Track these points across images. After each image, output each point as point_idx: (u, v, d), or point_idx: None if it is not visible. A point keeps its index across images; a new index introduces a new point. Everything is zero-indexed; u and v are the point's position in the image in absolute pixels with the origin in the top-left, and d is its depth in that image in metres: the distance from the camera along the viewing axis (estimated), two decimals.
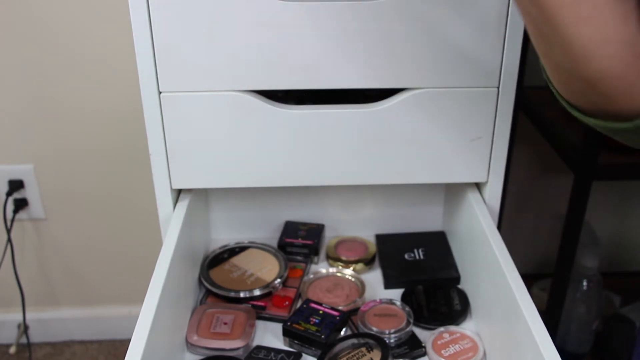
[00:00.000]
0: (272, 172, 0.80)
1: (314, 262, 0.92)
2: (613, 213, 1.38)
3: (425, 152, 0.79)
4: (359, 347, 0.72)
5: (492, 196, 0.83)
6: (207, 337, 0.74)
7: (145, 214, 1.34)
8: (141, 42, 0.71)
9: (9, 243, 1.32)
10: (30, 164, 1.29)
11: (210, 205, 0.96)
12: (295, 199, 0.97)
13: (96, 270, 1.42)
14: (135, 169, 1.30)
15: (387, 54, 0.73)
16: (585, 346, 1.19)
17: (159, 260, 0.70)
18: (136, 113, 1.22)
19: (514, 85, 0.76)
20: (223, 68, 0.73)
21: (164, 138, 0.77)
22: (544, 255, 1.43)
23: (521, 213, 1.39)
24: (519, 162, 1.32)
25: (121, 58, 1.18)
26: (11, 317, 1.44)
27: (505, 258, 0.70)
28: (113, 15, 1.14)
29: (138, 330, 0.60)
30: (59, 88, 1.21)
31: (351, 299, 0.82)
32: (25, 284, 1.38)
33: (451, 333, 0.76)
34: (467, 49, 0.73)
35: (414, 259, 0.91)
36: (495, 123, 0.78)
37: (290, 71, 0.73)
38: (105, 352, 1.45)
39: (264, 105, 0.75)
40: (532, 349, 0.59)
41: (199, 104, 0.75)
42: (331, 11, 0.70)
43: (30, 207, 1.33)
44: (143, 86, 0.73)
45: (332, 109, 0.77)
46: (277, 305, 0.82)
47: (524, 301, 0.63)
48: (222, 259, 0.89)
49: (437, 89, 0.75)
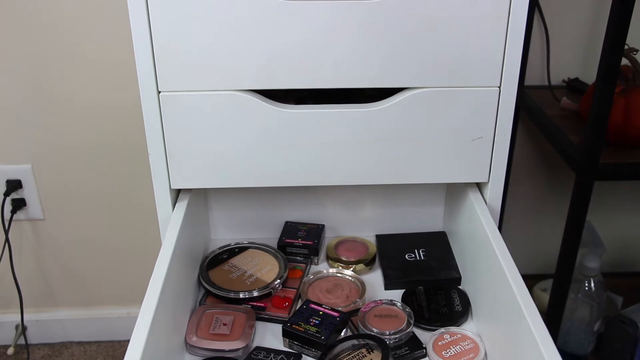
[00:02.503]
0: (272, 172, 0.79)
1: (313, 263, 0.92)
2: (615, 213, 1.38)
3: (426, 152, 0.79)
4: (359, 348, 0.72)
5: (493, 196, 0.82)
6: (206, 338, 0.74)
7: (144, 214, 1.33)
8: (140, 41, 0.71)
9: (6, 243, 1.31)
10: (28, 163, 1.28)
11: (210, 205, 0.96)
12: (295, 199, 0.97)
13: (95, 271, 1.41)
14: (134, 169, 1.29)
15: (387, 54, 0.72)
16: (586, 347, 1.19)
17: (158, 261, 0.69)
18: (135, 113, 1.22)
19: (515, 85, 0.75)
20: (223, 67, 0.73)
21: (163, 138, 0.76)
22: (545, 256, 1.42)
23: (522, 213, 1.39)
24: (520, 162, 1.31)
25: (120, 58, 1.18)
26: (9, 318, 1.43)
27: (507, 258, 0.70)
28: (112, 14, 1.14)
29: (137, 331, 0.59)
30: (58, 88, 1.21)
31: (351, 300, 0.82)
32: (24, 285, 1.37)
33: (452, 334, 0.76)
34: (468, 49, 0.73)
35: (414, 260, 0.90)
36: (497, 123, 0.77)
37: (290, 71, 0.73)
38: (103, 353, 1.45)
39: (264, 105, 0.75)
40: (534, 350, 0.58)
41: (198, 104, 0.75)
42: (331, 11, 0.70)
43: (28, 208, 1.33)
44: (142, 86, 0.73)
45: (332, 109, 0.76)
46: (276, 306, 0.81)
47: (525, 302, 0.63)
48: (222, 260, 0.88)
49: (437, 88, 0.75)
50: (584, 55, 1.21)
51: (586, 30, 1.19)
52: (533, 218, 1.40)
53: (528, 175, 1.34)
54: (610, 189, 1.35)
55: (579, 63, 1.22)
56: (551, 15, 1.17)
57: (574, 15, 1.17)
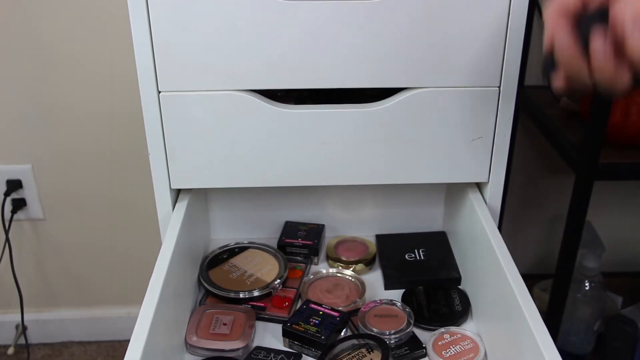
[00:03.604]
0: (272, 172, 0.79)
1: (313, 263, 0.92)
2: (615, 213, 1.38)
3: (426, 152, 0.79)
4: (359, 348, 0.72)
5: (493, 196, 0.82)
6: (206, 338, 0.74)
7: (144, 214, 1.33)
8: (140, 41, 0.71)
9: (7, 243, 1.32)
10: (28, 164, 1.28)
11: (210, 206, 0.96)
12: (295, 199, 0.97)
13: (95, 271, 1.42)
14: (134, 169, 1.30)
15: (387, 54, 0.72)
16: (586, 347, 1.19)
17: (158, 261, 0.69)
18: (135, 113, 1.22)
19: (515, 85, 0.75)
20: (222, 67, 0.73)
21: (163, 138, 0.76)
22: (545, 256, 1.42)
23: (522, 213, 1.39)
24: (520, 162, 1.31)
25: (120, 58, 1.18)
26: (9, 318, 1.43)
27: (506, 258, 0.70)
28: (112, 15, 1.14)
29: (137, 331, 0.59)
30: (58, 88, 1.21)
31: (351, 300, 0.82)
32: (24, 285, 1.37)
33: (452, 334, 0.76)
34: (468, 49, 0.73)
35: (414, 260, 0.90)
36: (496, 123, 0.77)
37: (290, 71, 0.73)
38: (104, 353, 1.45)
39: (264, 105, 0.75)
40: (533, 350, 0.58)
41: (198, 104, 0.75)
42: (331, 11, 0.70)
43: (28, 208, 1.33)
44: (142, 86, 0.73)
45: (332, 109, 0.76)
46: (276, 306, 0.81)
47: (525, 302, 0.63)
48: (222, 260, 0.88)
49: (437, 88, 0.75)
50: None
51: None
52: (533, 218, 1.40)
53: (528, 175, 1.34)
54: (610, 189, 1.35)
55: None
56: None
57: None
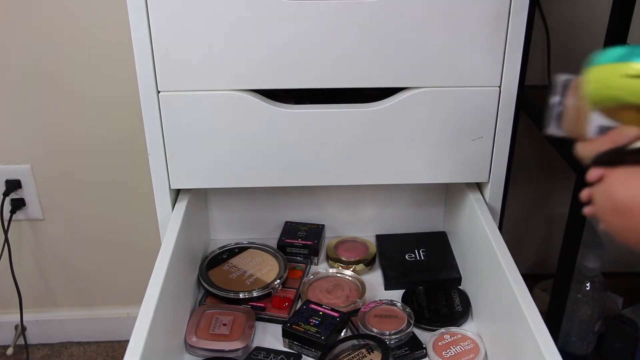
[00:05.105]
0: (272, 172, 0.79)
1: (313, 263, 0.92)
2: None
3: (426, 152, 0.78)
4: (360, 348, 0.71)
5: (494, 196, 0.82)
6: (206, 338, 0.74)
7: (143, 214, 1.33)
8: (140, 41, 0.71)
9: (6, 244, 1.31)
10: (27, 164, 1.28)
11: (209, 206, 0.96)
12: (295, 199, 0.97)
13: (94, 271, 1.41)
14: (134, 169, 1.29)
15: (387, 54, 0.72)
16: (587, 347, 1.19)
17: (158, 261, 0.69)
18: (135, 114, 1.22)
19: (516, 85, 0.75)
20: (222, 67, 0.72)
21: (162, 138, 0.76)
22: (545, 256, 1.42)
23: (523, 213, 1.38)
24: (520, 162, 1.31)
25: (120, 58, 1.17)
26: (8, 319, 1.43)
27: (507, 258, 0.70)
28: (111, 13, 1.14)
29: (136, 332, 0.59)
30: (57, 88, 1.20)
31: (351, 300, 0.82)
32: (23, 285, 1.37)
33: (452, 334, 0.76)
34: (468, 49, 0.72)
35: (414, 260, 0.90)
36: (497, 123, 0.77)
37: (290, 71, 0.73)
38: (103, 353, 1.45)
39: (264, 105, 0.75)
40: (534, 350, 0.58)
41: (198, 104, 0.74)
42: (331, 11, 0.70)
43: (27, 208, 1.32)
44: (141, 85, 0.73)
45: (332, 109, 0.76)
46: (276, 306, 0.81)
47: (526, 302, 0.63)
48: (222, 260, 0.88)
49: (437, 88, 0.75)
50: (584, 55, 1.21)
51: (586, 30, 1.18)
52: (533, 218, 1.40)
53: (528, 175, 1.34)
54: None
55: (579, 63, 1.21)
56: (551, 15, 1.16)
57: (574, 15, 1.17)
